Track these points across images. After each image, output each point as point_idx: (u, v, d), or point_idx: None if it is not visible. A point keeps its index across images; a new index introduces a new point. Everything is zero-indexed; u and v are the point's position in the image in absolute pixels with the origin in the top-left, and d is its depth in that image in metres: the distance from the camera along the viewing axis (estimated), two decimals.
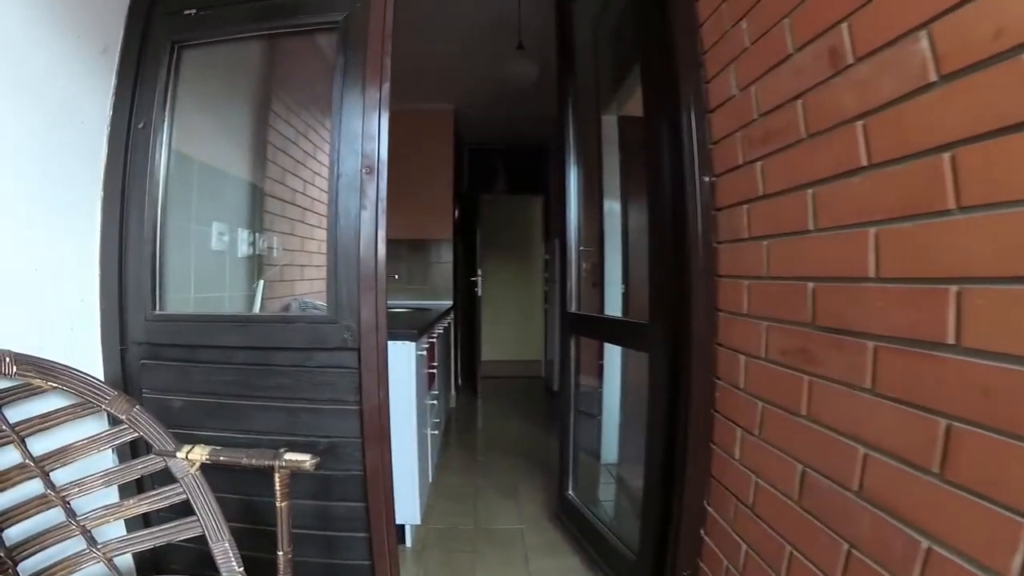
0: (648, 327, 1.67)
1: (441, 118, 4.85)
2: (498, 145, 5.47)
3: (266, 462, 1.14)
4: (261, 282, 1.60)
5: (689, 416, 1.39)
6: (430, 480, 2.65)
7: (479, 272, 5.16)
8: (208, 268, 1.65)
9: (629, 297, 3.35)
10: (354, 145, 1.36)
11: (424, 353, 2.28)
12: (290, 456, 1.14)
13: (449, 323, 4.46)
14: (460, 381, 5.47)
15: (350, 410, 1.36)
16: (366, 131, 1.37)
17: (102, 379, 1.40)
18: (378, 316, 1.36)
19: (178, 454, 1.20)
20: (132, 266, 1.40)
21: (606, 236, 3.32)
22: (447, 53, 3.74)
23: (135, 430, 1.24)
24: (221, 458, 1.18)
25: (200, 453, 1.20)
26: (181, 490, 1.21)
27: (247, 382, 1.39)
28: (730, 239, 1.31)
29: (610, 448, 3.34)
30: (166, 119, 1.43)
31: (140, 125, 1.40)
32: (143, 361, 1.43)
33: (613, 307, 3.28)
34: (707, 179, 1.35)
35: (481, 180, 5.94)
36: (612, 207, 3.36)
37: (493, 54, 3.68)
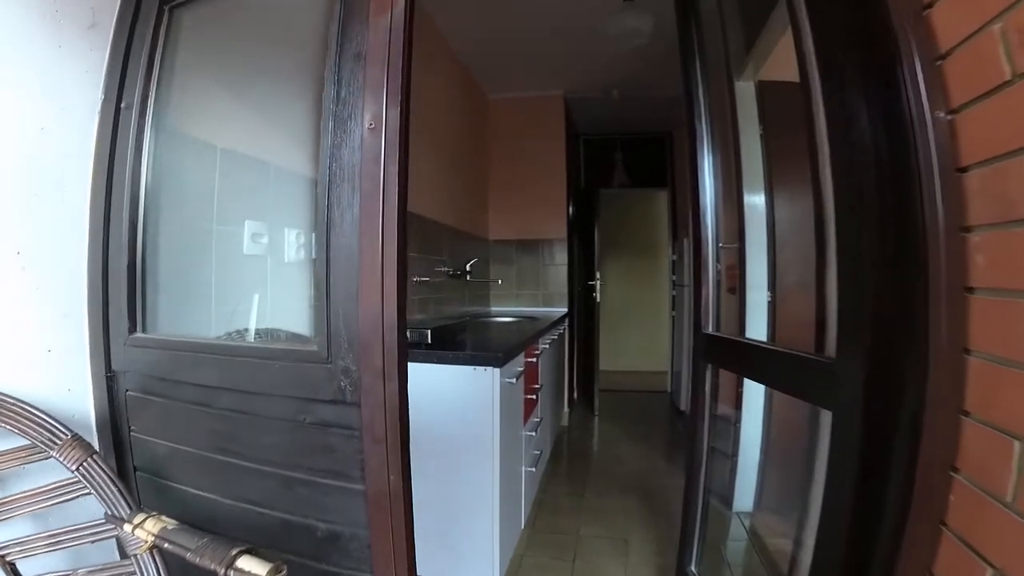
0: (833, 368, 1.08)
1: (550, 105, 4.42)
2: (615, 135, 4.94)
3: (212, 565, 0.79)
4: (256, 297, 1.27)
5: (902, 535, 0.82)
6: (522, 524, 2.23)
7: (598, 275, 4.65)
8: (238, 277, 1.37)
9: (777, 308, 2.69)
10: (354, 90, 0.97)
11: (514, 380, 1.86)
12: (244, 564, 0.77)
13: (563, 331, 4.03)
14: (575, 395, 5.01)
15: (354, 490, 0.98)
16: (369, 63, 0.96)
17: (93, 413, 1.15)
18: (386, 355, 0.93)
19: (126, 526, 0.90)
20: (114, 278, 1.14)
21: (746, 230, 2.69)
22: (549, 29, 3.29)
23: (87, 486, 0.96)
24: (166, 545, 0.86)
25: (153, 527, 0.89)
26: (132, 570, 0.91)
27: (233, 434, 1.06)
28: (994, 221, 0.73)
29: (745, 494, 2.73)
30: (151, 96, 1.15)
31: (123, 105, 1.13)
32: (128, 392, 1.17)
33: (755, 320, 2.64)
34: (941, 115, 0.78)
35: (598, 174, 5.43)
36: (752, 194, 2.72)
37: (600, 21, 3.17)
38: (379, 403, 0.94)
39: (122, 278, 1.13)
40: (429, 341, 1.78)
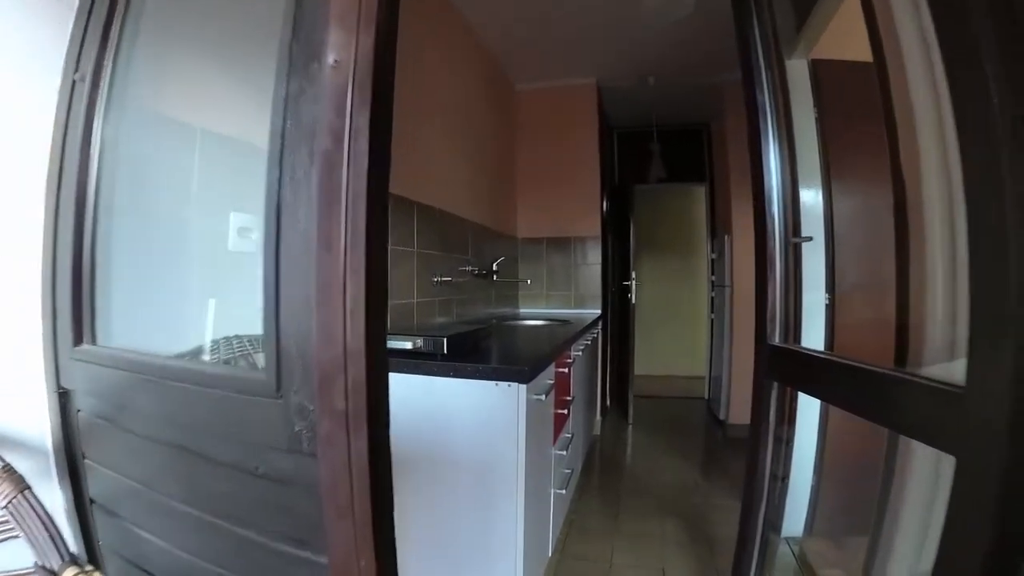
0: (962, 399, 0.81)
1: (582, 95, 4.18)
2: (650, 127, 4.67)
3: None
4: (212, 301, 1.06)
5: None
6: (550, 551, 2.01)
7: (633, 275, 4.40)
8: (221, 277, 1.18)
9: (836, 312, 2.41)
10: (318, 17, 0.72)
11: (543, 397, 1.65)
12: None
13: (596, 335, 3.80)
14: (608, 402, 4.77)
15: (319, 564, 0.73)
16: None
17: (50, 436, 0.99)
18: (351, 393, 0.68)
19: None
20: (61, 279, 0.96)
21: (800, 224, 2.42)
22: (579, 6, 3.05)
23: (16, 527, 0.79)
24: None
25: None
26: None
27: (183, 477, 0.87)
28: None
29: (795, 517, 2.48)
30: (107, 67, 0.97)
31: (76, 76, 0.96)
32: (80, 412, 1.00)
33: (810, 325, 2.38)
34: None
35: (632, 168, 5.18)
36: (806, 184, 2.45)
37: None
38: (342, 461, 0.68)
39: (66, 279, 0.96)
40: (445, 351, 1.58)
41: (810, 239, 1.59)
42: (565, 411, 2.11)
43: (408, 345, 1.61)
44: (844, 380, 1.12)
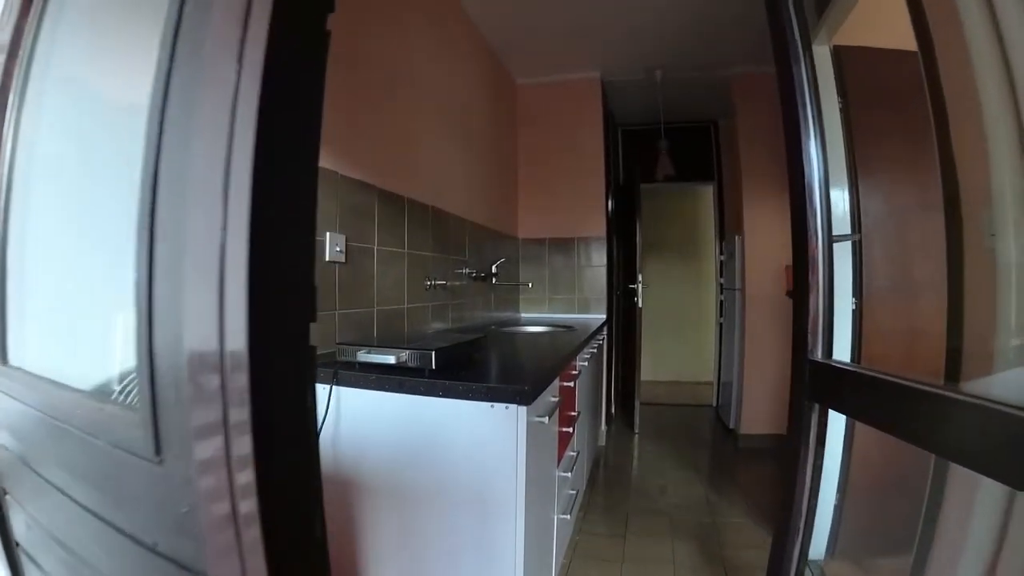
0: None
1: (586, 90, 4.00)
2: (656, 125, 4.49)
3: None
4: (120, 316, 0.85)
5: None
6: None
7: (640, 277, 4.21)
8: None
9: (863, 320, 2.22)
10: None
11: (546, 419, 1.46)
12: None
13: (602, 341, 3.62)
14: (614, 409, 4.58)
15: None
16: None
17: None
18: (234, 470, 0.45)
19: None
20: None
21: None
22: None
23: None
24: None
25: None
26: None
27: (90, 540, 0.67)
28: None
29: (817, 538, 2.30)
30: (29, 33, 0.79)
31: None
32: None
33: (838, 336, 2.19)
34: None
35: (638, 167, 5.00)
36: (832, 179, 2.27)
37: None
38: (233, 569, 0.46)
39: None
40: (434, 366, 1.39)
41: (857, 237, 1.40)
42: (570, 429, 1.93)
43: (391, 359, 1.42)
44: (908, 407, 0.92)
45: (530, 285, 3.02)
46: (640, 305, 4.20)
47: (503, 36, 3.37)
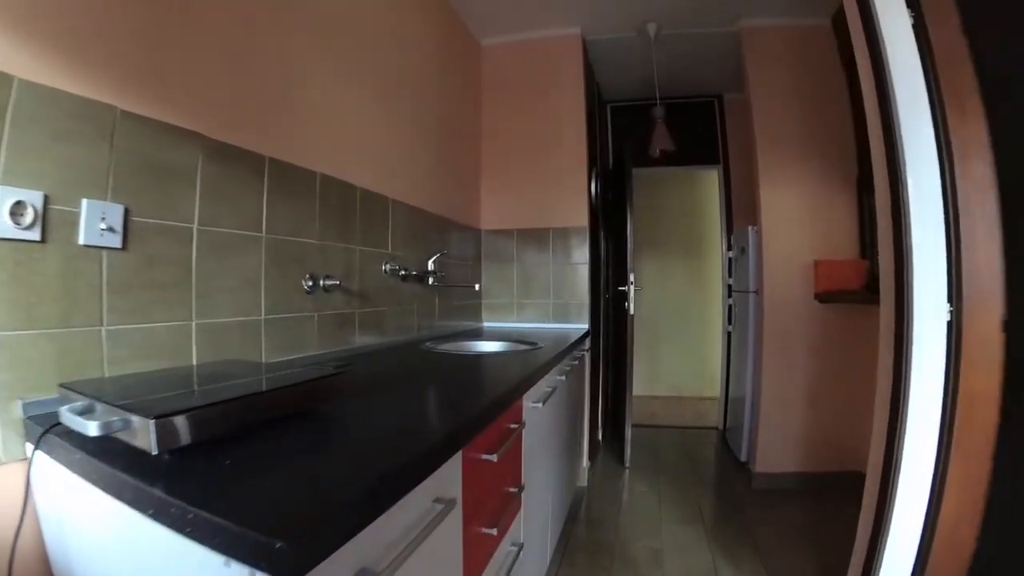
0: None
1: (564, 50, 3.27)
2: (651, 100, 3.76)
3: None
4: None
5: None
6: None
7: (631, 278, 3.45)
8: None
9: (963, 331, 1.49)
10: None
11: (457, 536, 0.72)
12: None
13: (583, 356, 2.89)
14: (601, 435, 3.83)
15: None
16: None
17: None
18: None
19: None
20: None
21: (906, 197, 1.49)
22: None
23: None
24: None
25: None
26: None
27: None
28: None
29: None
30: None
31: None
32: None
33: (918, 354, 1.46)
34: None
35: (630, 143, 4.28)
36: (906, 131, 1.53)
37: None
38: None
39: None
40: (156, 447, 0.66)
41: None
42: (494, 530, 1.16)
43: (90, 429, 0.69)
44: None
45: (476, 287, 2.26)
46: (632, 312, 3.44)
47: None
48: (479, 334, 2.72)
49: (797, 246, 2.97)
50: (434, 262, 2.27)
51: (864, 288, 2.79)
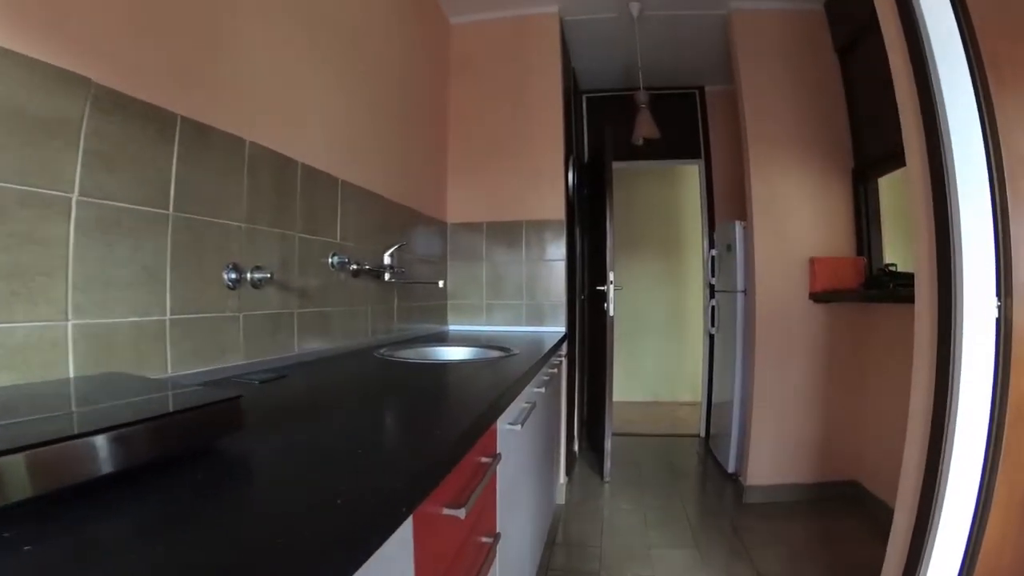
0: None
1: (540, 29, 3.01)
2: (631, 90, 3.52)
3: None
4: None
5: None
6: None
7: (611, 277, 3.19)
8: None
9: (1011, 330, 1.27)
10: None
11: None
12: None
13: (560, 362, 2.62)
14: (578, 446, 3.57)
15: None
16: None
17: None
18: None
19: None
20: None
21: (950, 170, 1.26)
22: None
23: None
24: None
25: None
26: None
27: None
28: None
29: None
30: None
31: None
32: None
33: (968, 354, 1.24)
34: None
35: (610, 132, 4.04)
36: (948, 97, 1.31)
37: None
38: None
39: None
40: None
41: None
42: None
43: None
44: None
45: (440, 284, 1.98)
46: (612, 314, 3.19)
47: None
48: (444, 339, 2.42)
49: (790, 242, 2.76)
50: (391, 255, 1.97)
51: (863, 287, 2.59)
